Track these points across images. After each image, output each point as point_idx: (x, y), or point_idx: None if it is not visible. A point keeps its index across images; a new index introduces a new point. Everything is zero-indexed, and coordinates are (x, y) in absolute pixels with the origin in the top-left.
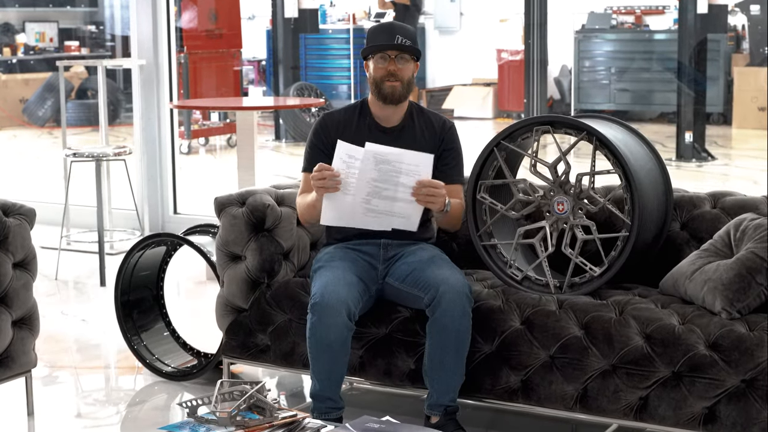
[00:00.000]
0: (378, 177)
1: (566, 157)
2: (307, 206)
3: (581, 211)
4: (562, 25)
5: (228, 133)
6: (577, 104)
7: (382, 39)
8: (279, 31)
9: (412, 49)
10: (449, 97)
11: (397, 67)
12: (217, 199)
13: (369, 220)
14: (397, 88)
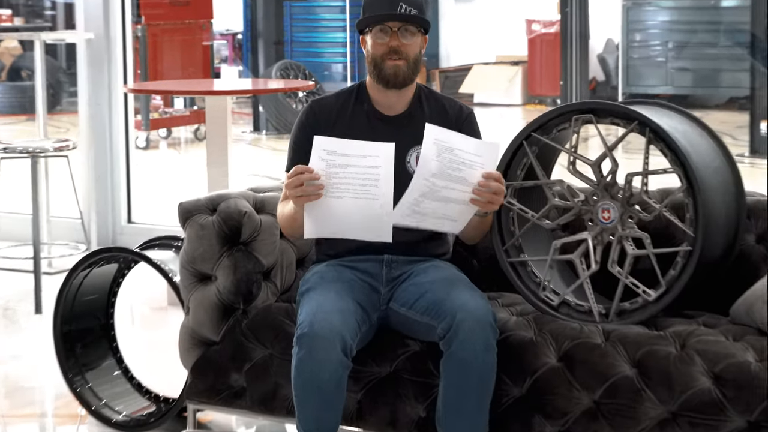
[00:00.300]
0: (438, 170)
1: (613, 153)
2: (288, 219)
3: (632, 219)
4: None
5: (195, 123)
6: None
7: (381, 7)
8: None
9: (418, 20)
10: (468, 79)
11: (400, 42)
12: (182, 204)
13: (409, 220)
14: (401, 67)
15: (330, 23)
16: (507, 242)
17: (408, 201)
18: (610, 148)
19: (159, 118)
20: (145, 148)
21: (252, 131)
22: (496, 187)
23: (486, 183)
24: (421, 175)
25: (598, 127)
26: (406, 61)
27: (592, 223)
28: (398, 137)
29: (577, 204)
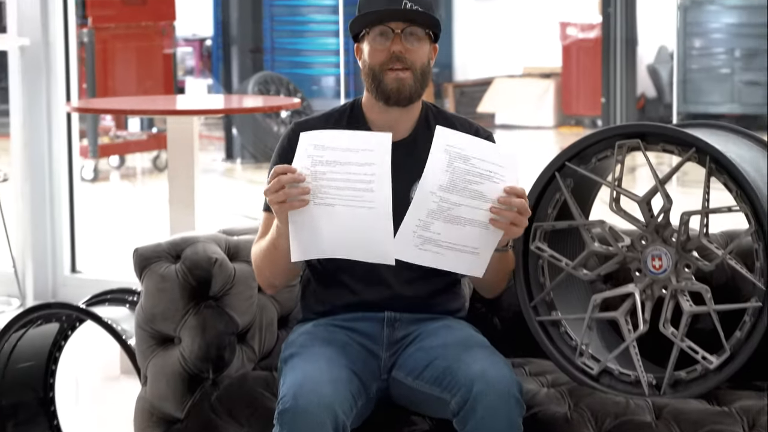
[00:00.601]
0: (449, 184)
1: (665, 187)
2: (267, 249)
3: (689, 269)
4: None
5: (155, 149)
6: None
7: (380, 4)
8: None
9: (427, 19)
10: (488, 95)
11: (404, 47)
12: (138, 250)
13: (426, 256)
14: (405, 80)
15: (319, 27)
16: (536, 297)
17: (412, 222)
18: (662, 181)
19: (110, 144)
20: (93, 180)
21: (224, 159)
22: (519, 203)
23: (507, 199)
24: (427, 188)
25: (647, 156)
26: (411, 72)
27: (640, 274)
28: (400, 167)
29: (622, 250)
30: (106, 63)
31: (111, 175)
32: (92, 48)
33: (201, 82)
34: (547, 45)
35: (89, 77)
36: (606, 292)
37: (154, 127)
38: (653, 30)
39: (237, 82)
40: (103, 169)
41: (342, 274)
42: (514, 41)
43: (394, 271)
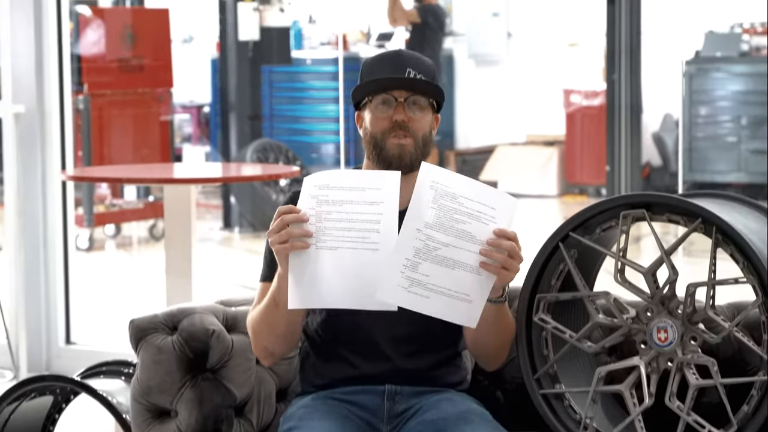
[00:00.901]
0: (435, 221)
1: (671, 258)
2: (265, 310)
3: (695, 342)
4: (664, 53)
5: (151, 218)
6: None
7: (383, 72)
8: (230, 61)
9: (431, 89)
10: (491, 163)
11: (407, 115)
12: (134, 322)
13: (413, 300)
14: (407, 146)
15: (319, 93)
16: (539, 369)
17: (399, 262)
18: (668, 252)
19: (105, 213)
20: (88, 249)
21: (222, 228)
22: (509, 246)
23: (496, 241)
24: (413, 225)
25: (652, 226)
26: (413, 140)
27: (646, 346)
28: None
29: (627, 322)
30: (102, 130)
31: (107, 244)
32: (88, 115)
33: (198, 150)
34: (550, 112)
35: (85, 145)
36: (611, 364)
37: (151, 196)
38: (658, 97)
39: (235, 149)
40: (98, 238)
41: (341, 347)
42: (516, 108)
43: (394, 344)
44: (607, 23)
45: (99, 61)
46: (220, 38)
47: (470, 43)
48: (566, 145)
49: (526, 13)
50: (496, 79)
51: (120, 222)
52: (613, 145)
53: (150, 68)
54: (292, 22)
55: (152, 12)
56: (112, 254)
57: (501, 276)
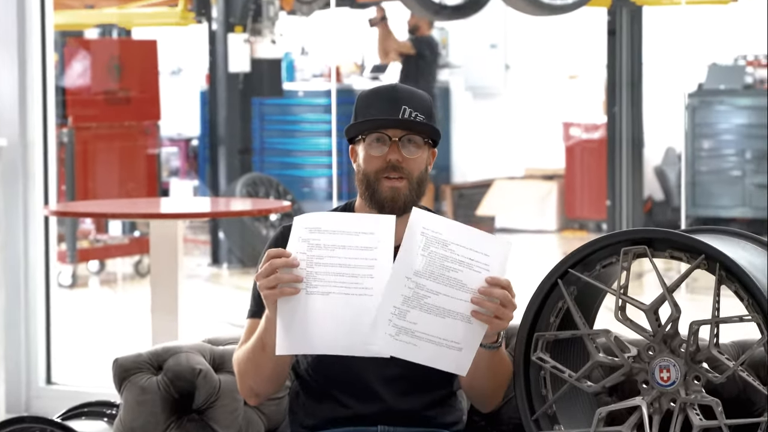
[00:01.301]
0: (425, 269)
1: (673, 295)
2: (252, 351)
3: (698, 381)
4: (666, 85)
5: (136, 254)
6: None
7: (378, 110)
8: (220, 93)
9: (427, 129)
10: (488, 198)
11: (402, 155)
12: (118, 361)
13: (399, 347)
14: (401, 189)
15: (311, 126)
16: (537, 410)
17: (387, 309)
18: (671, 289)
19: (89, 248)
20: (71, 286)
21: (210, 264)
22: (501, 295)
23: (488, 290)
24: (402, 272)
25: (654, 262)
26: (408, 181)
27: (647, 386)
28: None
29: (628, 361)
30: (86, 164)
31: (90, 280)
32: (72, 148)
33: (186, 184)
34: (549, 145)
35: (68, 179)
36: (611, 405)
37: (137, 231)
38: (660, 131)
39: (224, 183)
40: (81, 275)
41: (333, 386)
42: (515, 142)
43: (387, 384)
44: (608, 55)
45: (84, 94)
46: (210, 70)
47: (467, 75)
48: (566, 179)
49: (525, 44)
50: (493, 112)
51: (104, 258)
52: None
53: (137, 101)
54: (284, 53)
55: (140, 43)
56: (96, 291)
57: (493, 325)
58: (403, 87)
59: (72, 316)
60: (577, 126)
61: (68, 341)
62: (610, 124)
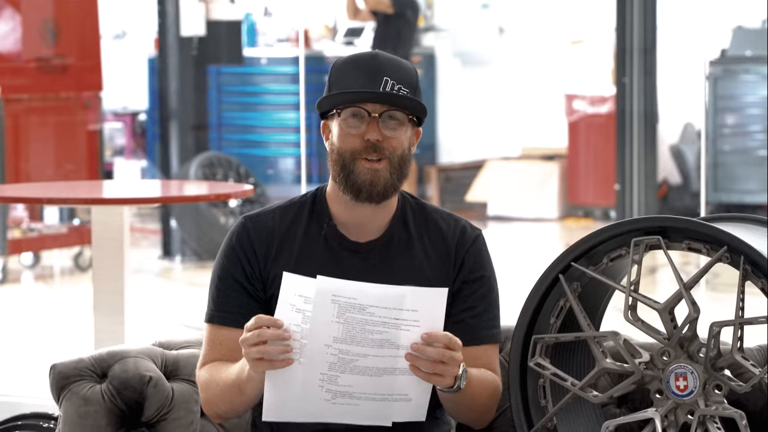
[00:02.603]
0: (345, 335)
1: (692, 292)
2: (227, 389)
3: (719, 391)
4: (683, 52)
5: (76, 245)
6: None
7: (356, 81)
8: (171, 60)
9: (411, 104)
10: (479, 181)
11: (382, 133)
12: (56, 367)
13: (342, 410)
14: (380, 172)
15: (276, 99)
16: (536, 423)
17: (314, 377)
18: (688, 286)
19: (22, 239)
20: (1, 282)
21: (161, 257)
22: (435, 354)
23: (420, 348)
24: (319, 341)
25: (669, 255)
26: (388, 163)
27: (661, 396)
28: (372, 274)
29: (639, 367)
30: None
31: (23, 275)
32: (1, 123)
33: (133, 165)
34: (549, 121)
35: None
36: (620, 417)
37: (76, 219)
38: (677, 104)
39: (176, 164)
40: (13, 269)
41: None
42: (510, 116)
43: None
44: (617, 17)
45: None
46: (159, 34)
47: (455, 40)
48: (568, 159)
49: (521, 4)
50: (485, 82)
51: (39, 250)
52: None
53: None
54: (245, 14)
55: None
56: (30, 287)
57: (432, 381)
58: (385, 56)
59: (2, 317)
60: (582, 99)
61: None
62: (619, 97)
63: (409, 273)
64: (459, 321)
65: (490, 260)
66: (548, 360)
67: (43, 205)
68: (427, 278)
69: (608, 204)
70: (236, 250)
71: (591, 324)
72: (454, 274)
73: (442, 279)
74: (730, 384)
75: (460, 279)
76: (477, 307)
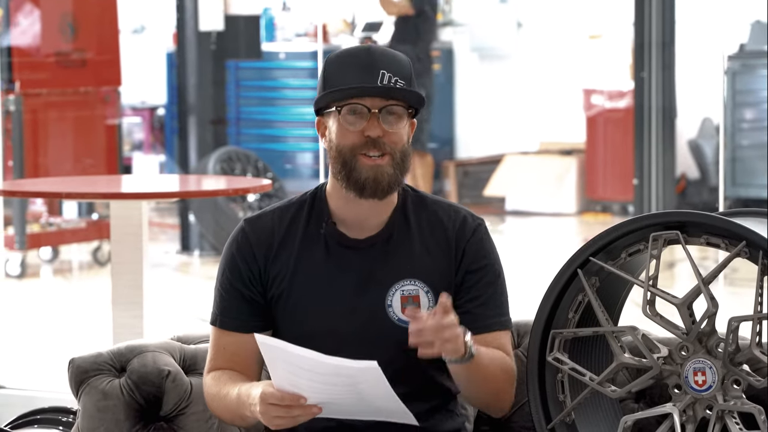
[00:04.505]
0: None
1: (710, 287)
2: (230, 411)
3: (738, 386)
4: (702, 46)
5: (95, 239)
6: (730, 189)
7: (353, 76)
8: (189, 55)
9: (410, 96)
10: (497, 176)
11: (382, 128)
12: (75, 361)
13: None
14: (383, 168)
15: (294, 93)
16: (554, 417)
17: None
18: (707, 281)
19: (41, 233)
20: (20, 276)
21: (179, 252)
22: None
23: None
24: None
25: (687, 250)
26: (390, 157)
27: (680, 391)
28: (374, 269)
29: (658, 362)
30: (36, 136)
31: (42, 270)
32: (20, 118)
33: (151, 159)
34: (568, 116)
35: (16, 153)
36: (639, 412)
37: (95, 213)
38: (695, 99)
39: (195, 159)
40: (32, 263)
41: None
42: (528, 111)
43: None
44: (636, 12)
45: (34, 55)
46: (178, 28)
47: (473, 35)
48: (587, 154)
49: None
50: (503, 77)
51: (58, 244)
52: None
53: (94, 63)
54: (263, 9)
55: None
56: (49, 282)
57: (446, 350)
58: (379, 49)
59: (22, 311)
60: (600, 93)
61: (18, 339)
62: (637, 92)
63: (409, 267)
64: (465, 312)
65: (494, 248)
66: (566, 355)
67: (62, 199)
68: (428, 271)
69: (626, 199)
70: (235, 257)
71: (609, 319)
72: (455, 265)
73: (443, 271)
74: (749, 379)
75: (462, 269)
76: (482, 296)
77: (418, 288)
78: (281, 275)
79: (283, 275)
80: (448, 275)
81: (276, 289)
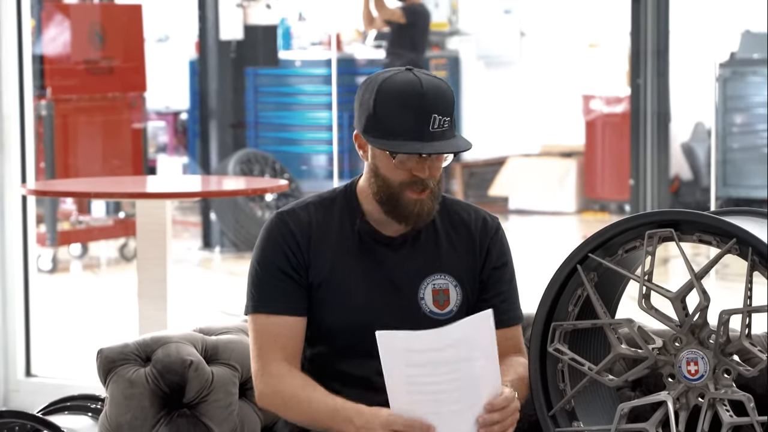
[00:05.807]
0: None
1: (702, 282)
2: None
3: (728, 375)
4: (695, 55)
5: (122, 236)
6: (721, 189)
7: (407, 117)
8: (211, 62)
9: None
10: (501, 177)
11: (431, 171)
12: (103, 352)
13: None
14: (425, 201)
15: (310, 99)
16: (555, 405)
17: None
18: (699, 276)
19: (71, 231)
20: (52, 271)
21: (201, 248)
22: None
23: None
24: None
25: (681, 247)
26: (431, 191)
27: (674, 380)
28: (404, 265)
29: (653, 353)
30: (67, 139)
31: (72, 265)
32: (51, 122)
33: (175, 161)
34: (568, 120)
35: (48, 155)
36: (635, 400)
37: (122, 212)
38: (688, 104)
39: (216, 160)
40: (62, 259)
41: (335, 383)
42: (530, 115)
43: None
44: (632, 22)
45: (64, 63)
46: (200, 37)
47: (479, 43)
48: (586, 156)
49: (542, 10)
50: (507, 83)
51: (87, 241)
52: (638, 157)
53: (121, 70)
54: (280, 19)
55: (123, 8)
56: (78, 276)
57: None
58: (430, 87)
59: (53, 304)
60: (598, 99)
61: (49, 330)
62: (633, 97)
63: (438, 262)
64: (492, 306)
65: (509, 246)
66: (566, 346)
67: (91, 199)
68: (455, 267)
69: (623, 198)
70: (278, 241)
71: (607, 312)
72: (481, 262)
73: (468, 267)
74: (739, 369)
75: (488, 267)
76: (505, 292)
77: (447, 282)
78: (320, 266)
79: (321, 266)
80: (473, 271)
81: (315, 279)
